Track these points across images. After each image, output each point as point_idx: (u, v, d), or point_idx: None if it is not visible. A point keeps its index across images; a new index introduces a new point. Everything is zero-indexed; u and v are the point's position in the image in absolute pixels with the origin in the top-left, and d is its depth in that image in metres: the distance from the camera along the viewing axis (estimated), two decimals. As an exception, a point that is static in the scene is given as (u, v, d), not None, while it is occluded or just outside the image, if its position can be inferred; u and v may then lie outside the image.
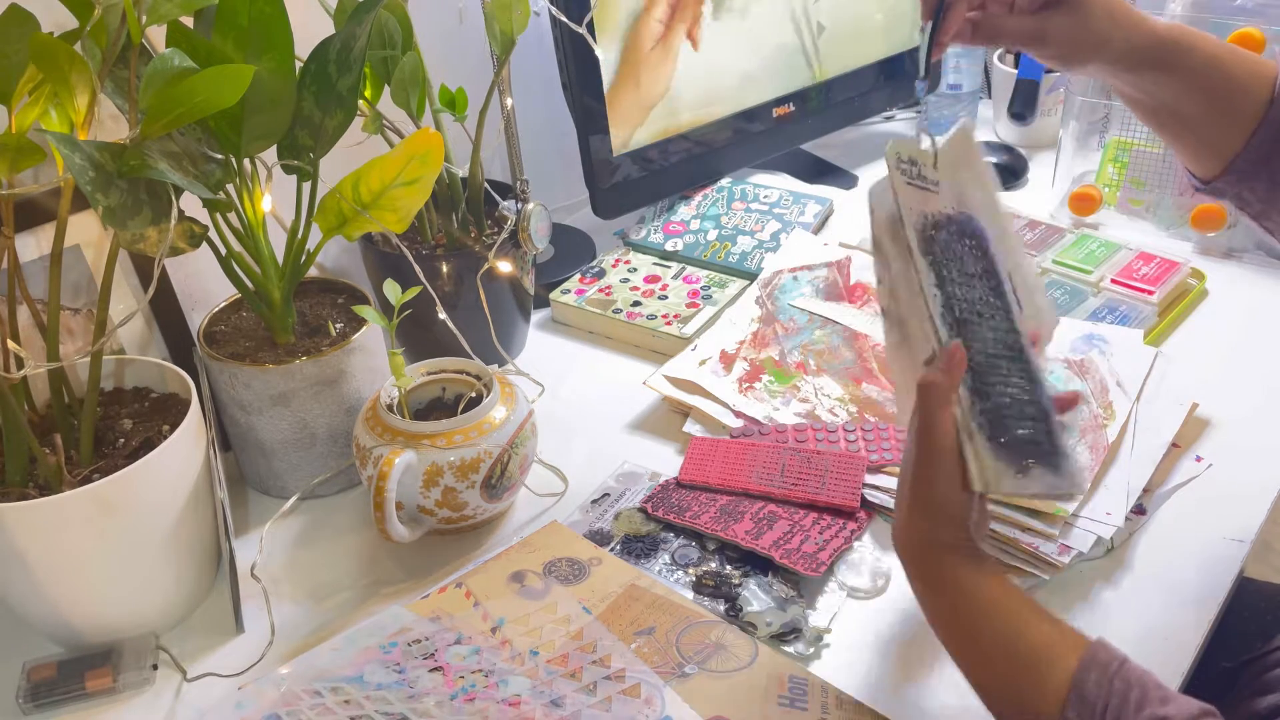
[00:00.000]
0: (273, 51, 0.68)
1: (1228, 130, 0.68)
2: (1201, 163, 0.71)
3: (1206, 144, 0.69)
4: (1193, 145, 0.71)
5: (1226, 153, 0.68)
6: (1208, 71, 0.67)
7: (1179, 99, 0.68)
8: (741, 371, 0.93)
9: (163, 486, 0.68)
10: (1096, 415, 0.85)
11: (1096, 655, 0.54)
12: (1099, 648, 0.54)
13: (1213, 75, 0.67)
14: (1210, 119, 0.68)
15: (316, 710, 0.64)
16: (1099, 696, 0.52)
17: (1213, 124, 0.68)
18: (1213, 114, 0.68)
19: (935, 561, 0.58)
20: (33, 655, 0.70)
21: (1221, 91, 0.67)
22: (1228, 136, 0.68)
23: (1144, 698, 0.52)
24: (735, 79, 1.16)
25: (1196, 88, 0.67)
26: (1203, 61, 0.67)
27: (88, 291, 0.81)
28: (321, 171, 0.77)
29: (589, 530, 0.80)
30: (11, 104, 0.64)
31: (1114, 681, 0.52)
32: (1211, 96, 0.67)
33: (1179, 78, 0.67)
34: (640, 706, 0.64)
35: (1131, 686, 0.52)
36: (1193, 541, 0.76)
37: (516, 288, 0.97)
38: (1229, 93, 0.67)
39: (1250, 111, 0.67)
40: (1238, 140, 0.68)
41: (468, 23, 1.07)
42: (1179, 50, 0.66)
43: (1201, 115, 0.68)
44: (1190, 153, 0.71)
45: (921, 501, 0.58)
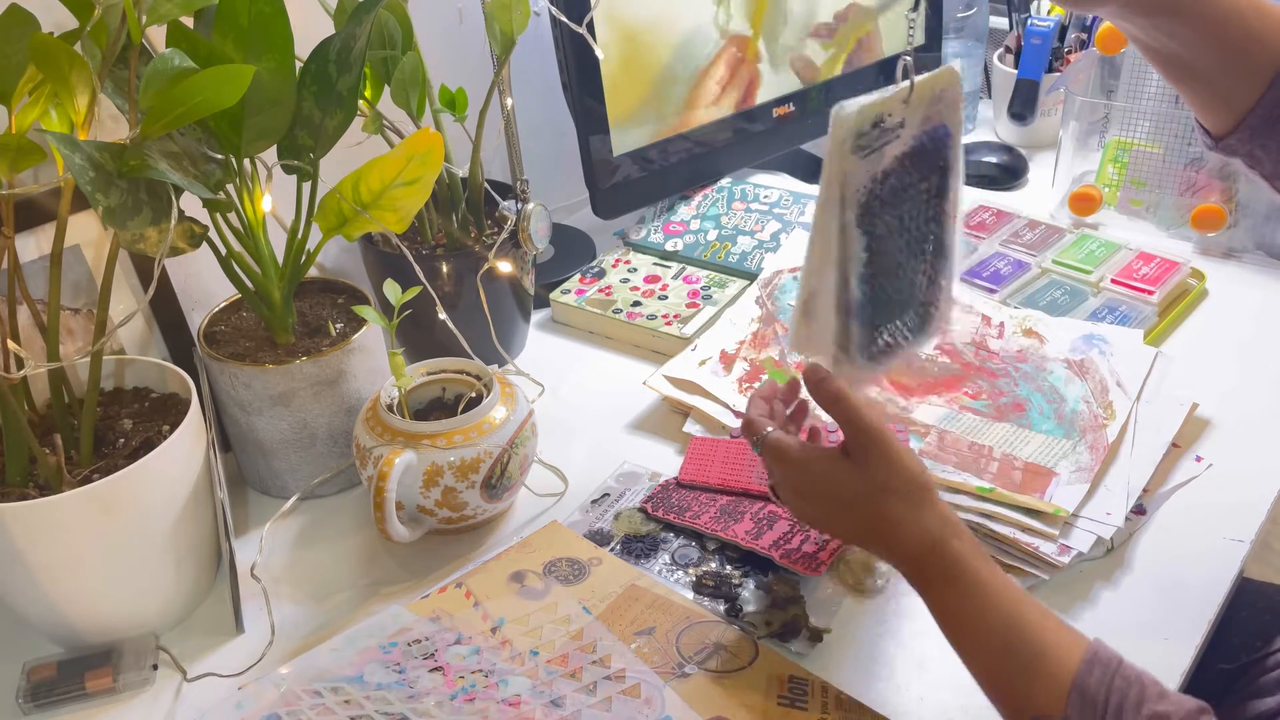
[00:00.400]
0: (273, 51, 0.68)
1: (1242, 84, 0.66)
2: (1214, 116, 0.69)
3: (1220, 97, 0.68)
4: (1206, 97, 0.69)
5: (1240, 107, 0.67)
6: (1226, 21, 0.65)
7: (1194, 49, 0.66)
8: (741, 371, 0.93)
9: (163, 486, 0.68)
10: (1097, 415, 0.85)
11: (1098, 654, 0.54)
12: (1100, 646, 0.55)
13: (1230, 26, 0.65)
14: (1225, 71, 0.66)
15: (316, 710, 0.64)
16: (1100, 694, 0.53)
17: (1227, 76, 0.66)
18: (1228, 66, 0.66)
19: (941, 556, 0.60)
20: (33, 655, 0.70)
21: (1238, 43, 0.65)
22: (1242, 90, 0.66)
23: (1143, 695, 0.52)
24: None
25: (1213, 37, 0.65)
26: (1222, 11, 0.65)
27: (88, 291, 0.81)
28: (321, 171, 0.77)
29: (589, 530, 0.80)
30: (11, 104, 0.64)
31: (1115, 679, 0.53)
32: (1227, 48, 0.65)
33: (1196, 26, 0.65)
34: (640, 706, 0.64)
35: (1131, 684, 0.53)
36: (1193, 541, 0.76)
37: (516, 288, 0.97)
38: (1246, 45, 0.65)
39: (1267, 65, 0.65)
40: (1252, 95, 0.66)
41: (468, 23, 1.07)
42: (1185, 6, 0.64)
43: (1216, 67, 0.66)
44: (1203, 105, 0.70)
45: (907, 493, 0.61)
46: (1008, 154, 1.31)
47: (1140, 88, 1.12)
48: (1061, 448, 0.82)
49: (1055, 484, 0.78)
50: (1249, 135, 0.67)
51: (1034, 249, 1.10)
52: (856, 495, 0.62)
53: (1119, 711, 0.52)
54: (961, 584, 0.59)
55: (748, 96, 1.16)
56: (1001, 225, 1.14)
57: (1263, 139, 0.67)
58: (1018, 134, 1.36)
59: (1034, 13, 1.31)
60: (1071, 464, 0.80)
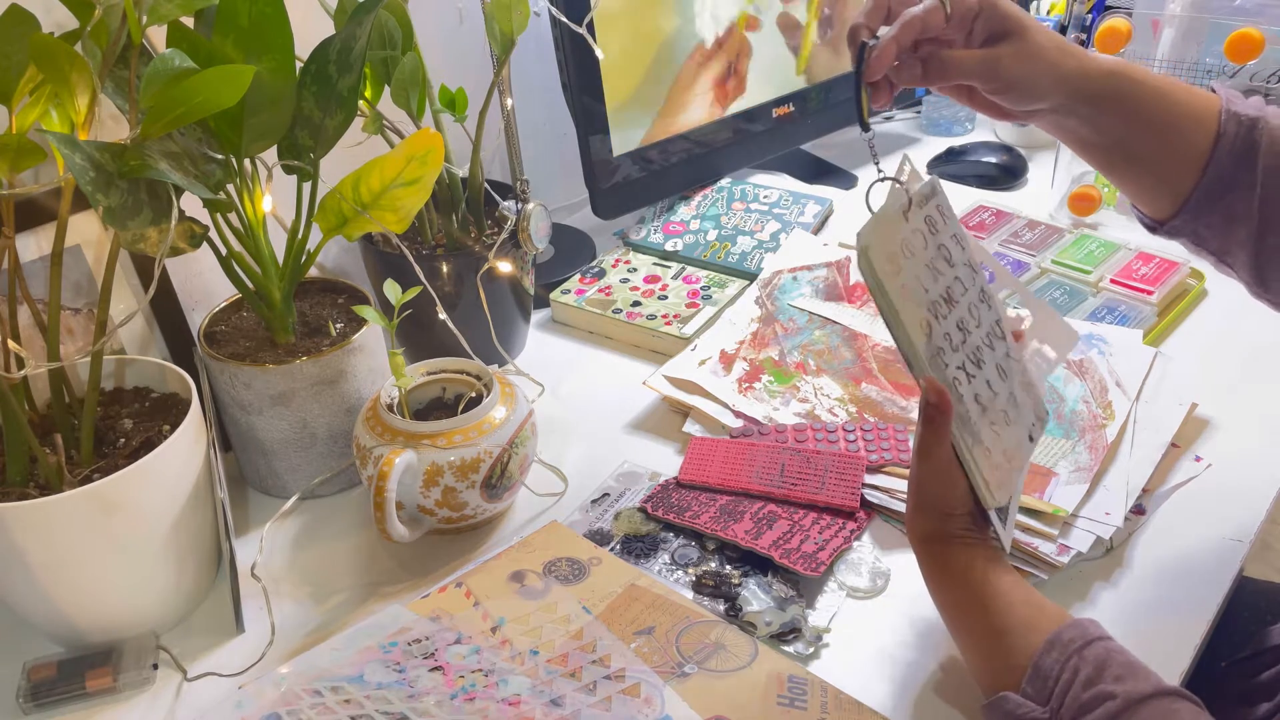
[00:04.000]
0: (273, 52, 0.68)
1: (1180, 165, 0.67)
2: (1156, 201, 0.70)
3: (1160, 180, 0.68)
4: (1147, 183, 0.69)
5: (1180, 188, 0.67)
6: (1156, 103, 0.66)
7: (1131, 134, 0.66)
8: (741, 371, 0.93)
9: (163, 486, 0.68)
10: (1096, 415, 0.85)
11: (1061, 635, 0.57)
12: (1068, 628, 0.58)
13: (1161, 107, 0.66)
14: (1162, 154, 0.67)
15: (317, 710, 0.64)
16: (1053, 671, 0.56)
17: (1166, 159, 0.67)
18: (1164, 148, 0.67)
19: (936, 550, 0.63)
20: (33, 655, 0.70)
21: (1171, 124, 0.66)
22: (1181, 171, 0.67)
23: (1098, 675, 0.55)
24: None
25: (1146, 121, 0.66)
26: (1150, 93, 0.65)
27: (88, 291, 0.81)
28: (321, 171, 0.77)
29: (589, 530, 0.80)
30: (12, 104, 0.64)
31: (1070, 659, 0.56)
32: (1162, 130, 0.66)
33: (1130, 110, 0.65)
34: (640, 706, 0.64)
35: (1086, 664, 0.56)
36: (1192, 541, 0.76)
37: (516, 288, 0.97)
38: (1178, 125, 0.66)
39: (1200, 145, 0.66)
40: (1191, 174, 0.67)
41: (468, 23, 1.07)
42: (1128, 82, 0.65)
43: (1153, 150, 0.67)
44: (1143, 191, 0.70)
45: (918, 500, 0.64)
46: (1007, 154, 1.31)
47: (1140, 88, 1.12)
48: (1061, 448, 0.82)
49: (1054, 484, 0.78)
50: (1192, 215, 0.68)
51: (1033, 249, 1.10)
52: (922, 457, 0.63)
53: (1066, 688, 0.55)
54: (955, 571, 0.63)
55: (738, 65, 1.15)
56: (1001, 225, 1.15)
57: (1206, 217, 0.68)
58: (1017, 134, 1.36)
59: (1033, 13, 1.31)
60: (1071, 464, 0.80)
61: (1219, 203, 0.67)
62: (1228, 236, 0.68)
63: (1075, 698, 0.55)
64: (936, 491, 0.62)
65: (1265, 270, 0.68)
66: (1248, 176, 0.65)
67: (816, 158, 1.34)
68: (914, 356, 0.60)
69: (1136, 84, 0.65)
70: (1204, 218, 0.68)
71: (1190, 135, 0.66)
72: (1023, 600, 0.61)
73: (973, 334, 0.64)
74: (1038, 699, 0.56)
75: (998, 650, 0.60)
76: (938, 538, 0.63)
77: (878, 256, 0.58)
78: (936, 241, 0.62)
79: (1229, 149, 0.65)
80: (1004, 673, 0.59)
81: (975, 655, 0.62)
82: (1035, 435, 0.68)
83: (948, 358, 0.61)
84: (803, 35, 1.22)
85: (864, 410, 0.89)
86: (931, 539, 0.63)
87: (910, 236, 0.61)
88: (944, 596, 0.64)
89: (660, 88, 1.10)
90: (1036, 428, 0.68)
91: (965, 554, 0.62)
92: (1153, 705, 0.53)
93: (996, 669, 0.60)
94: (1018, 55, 0.62)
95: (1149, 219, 0.72)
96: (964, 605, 0.62)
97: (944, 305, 0.62)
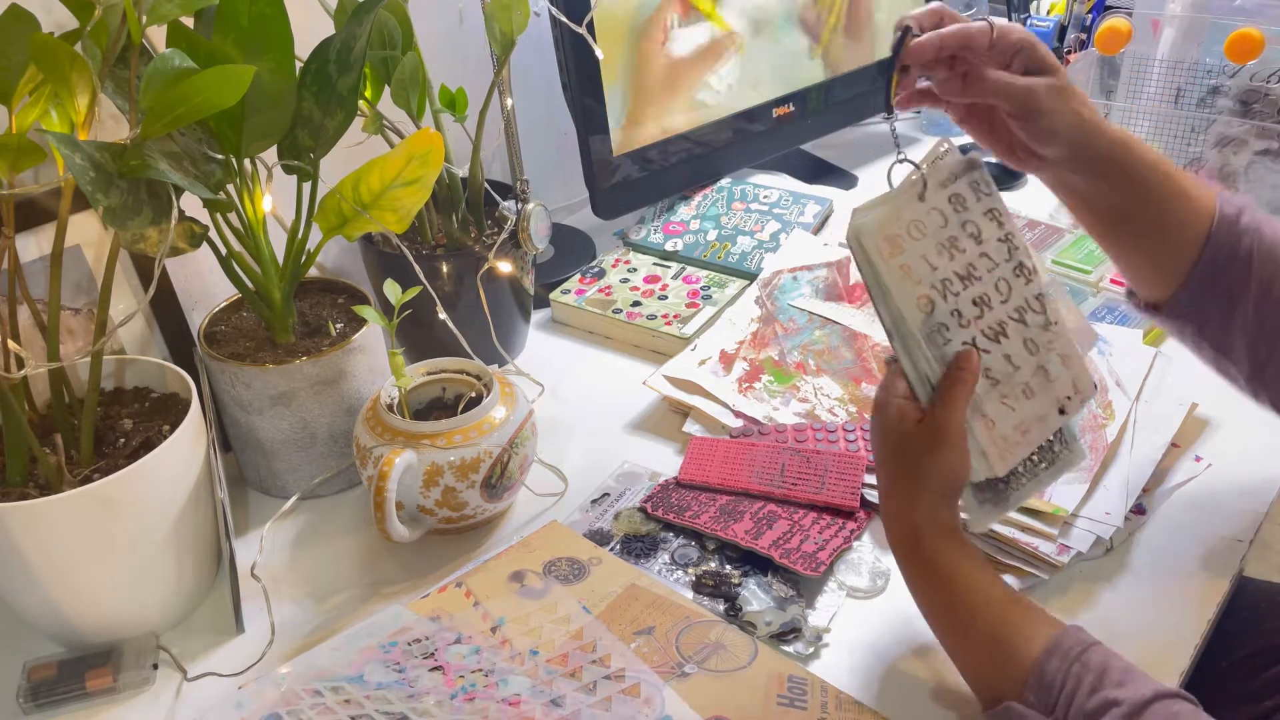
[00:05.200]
0: (273, 52, 0.68)
1: (1181, 238, 0.68)
2: (1156, 276, 0.70)
3: (1162, 253, 0.69)
4: (1148, 255, 0.70)
5: (1180, 264, 0.68)
6: (1159, 176, 0.67)
7: (1134, 200, 0.68)
8: (741, 371, 0.93)
9: (163, 486, 0.68)
10: (1096, 415, 0.85)
11: (1061, 642, 0.58)
12: (1065, 635, 0.58)
13: (1163, 181, 0.67)
14: (1164, 224, 0.68)
15: (317, 710, 0.64)
16: (1057, 678, 0.56)
17: (1167, 230, 0.68)
18: (1167, 218, 0.68)
19: (929, 543, 0.63)
20: (33, 655, 0.70)
21: (1173, 197, 0.68)
22: (1181, 245, 0.68)
23: (1101, 681, 0.55)
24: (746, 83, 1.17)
25: (1150, 189, 0.67)
26: (1153, 166, 0.67)
27: (88, 291, 0.81)
28: (322, 171, 0.77)
29: (589, 530, 0.80)
30: (12, 104, 0.64)
31: (1073, 665, 0.56)
32: (1164, 200, 0.67)
33: (1136, 178, 0.67)
34: (640, 706, 0.64)
35: (1089, 671, 0.56)
36: (1192, 541, 0.76)
37: (516, 288, 0.97)
38: (1179, 200, 0.68)
39: (1199, 222, 0.68)
40: (1191, 250, 0.68)
41: (468, 23, 1.07)
42: (1136, 150, 0.67)
43: (1156, 220, 0.68)
44: (1145, 267, 0.71)
45: (933, 480, 0.63)
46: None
47: (1140, 88, 1.12)
48: (1061, 447, 0.82)
49: (1054, 484, 0.78)
50: (1197, 291, 0.68)
51: (1033, 249, 1.10)
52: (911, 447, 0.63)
53: (1072, 696, 0.55)
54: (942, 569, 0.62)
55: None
56: (1001, 225, 1.14)
57: (1209, 294, 0.68)
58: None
59: (1033, 12, 1.31)
60: (1071, 464, 0.80)
61: (1221, 278, 0.68)
62: (1229, 318, 0.69)
63: (1080, 706, 0.55)
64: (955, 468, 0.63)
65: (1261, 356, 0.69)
66: (1244, 259, 0.67)
67: (816, 158, 1.34)
68: (899, 334, 0.62)
69: (1143, 153, 0.67)
70: (1208, 294, 0.69)
71: (1191, 212, 0.68)
72: (1009, 599, 0.61)
73: (995, 309, 0.64)
74: (1042, 708, 0.56)
75: (994, 656, 0.60)
76: (936, 528, 0.62)
77: (874, 237, 0.61)
78: (961, 219, 0.63)
79: (1227, 228, 0.67)
80: (1002, 679, 0.59)
81: (968, 659, 0.62)
82: (1069, 409, 0.67)
83: (952, 333, 0.63)
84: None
85: (864, 410, 0.89)
86: (929, 530, 0.62)
87: (925, 216, 0.62)
88: (932, 598, 0.63)
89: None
90: (1072, 401, 0.67)
91: (953, 554, 0.62)
92: (1154, 708, 0.53)
93: (993, 675, 0.60)
94: (1051, 89, 0.64)
95: (1148, 302, 0.73)
96: (953, 607, 0.62)
97: (958, 282, 0.63)
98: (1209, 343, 0.71)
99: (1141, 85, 1.12)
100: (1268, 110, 1.04)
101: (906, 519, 0.63)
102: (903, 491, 0.64)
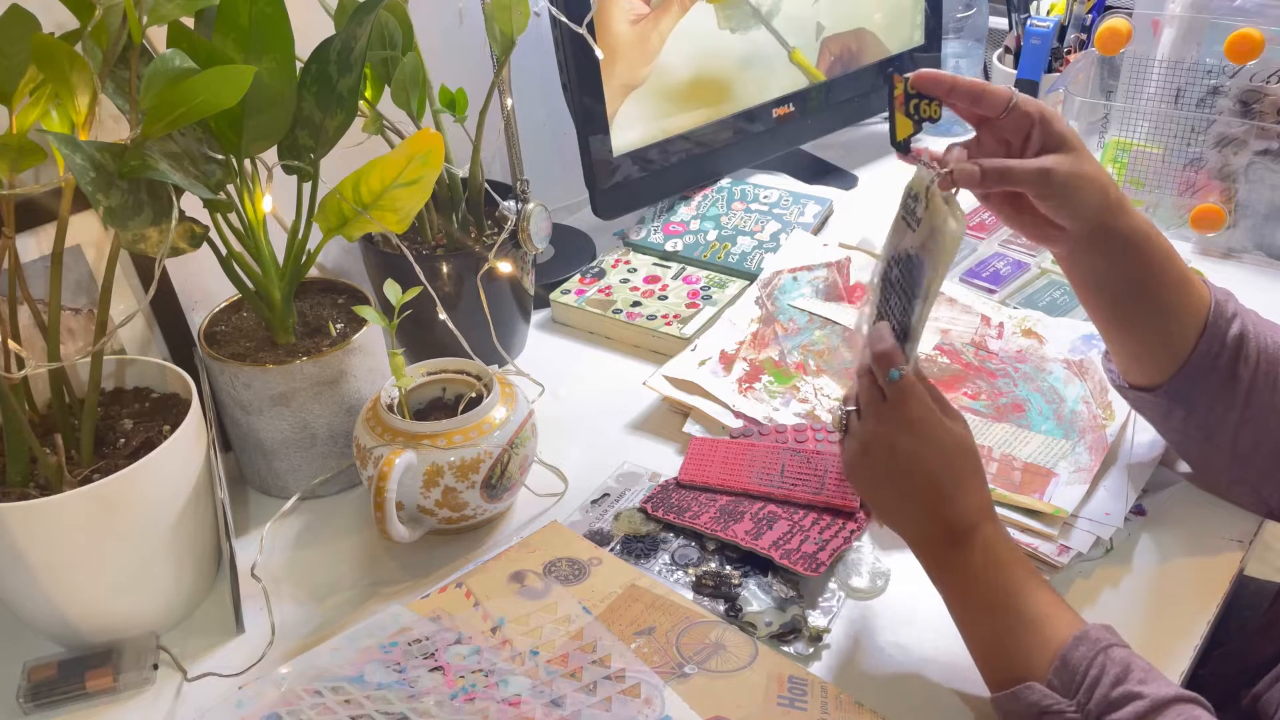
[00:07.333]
0: (273, 52, 0.68)
1: (1186, 321, 0.70)
2: (1157, 359, 0.72)
3: (1168, 335, 0.70)
4: (1155, 338, 0.71)
5: (1182, 347, 0.70)
6: (1171, 259, 0.69)
7: (1150, 279, 0.69)
8: (741, 372, 0.93)
9: (163, 486, 0.68)
10: (1096, 415, 0.85)
11: (1089, 632, 0.59)
12: (1095, 628, 0.59)
13: (1174, 264, 0.69)
14: (1174, 307, 0.69)
15: (317, 710, 0.64)
16: (1081, 666, 0.57)
17: (1176, 313, 0.70)
18: (1177, 301, 0.69)
19: (978, 528, 0.63)
20: (33, 655, 0.70)
21: (1182, 280, 0.69)
22: (1185, 328, 0.70)
23: (1124, 676, 0.56)
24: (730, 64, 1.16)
25: (1164, 270, 0.69)
26: (1167, 249, 0.69)
27: (88, 291, 0.81)
28: (322, 172, 0.77)
29: (589, 530, 0.80)
30: (13, 104, 0.64)
31: (1099, 656, 0.57)
32: (1175, 285, 0.69)
33: (1152, 258, 0.68)
34: (640, 706, 0.64)
35: (1114, 664, 0.57)
36: (1192, 541, 0.76)
37: (516, 288, 0.97)
38: (1187, 283, 0.69)
39: (1202, 307, 0.70)
40: (1192, 333, 0.70)
41: (468, 23, 1.07)
42: (1153, 232, 0.68)
43: (1167, 302, 0.69)
44: (1148, 349, 0.72)
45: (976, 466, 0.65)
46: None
47: (1139, 88, 1.12)
48: (1061, 448, 0.82)
49: (1054, 484, 0.78)
50: (1194, 375, 0.70)
51: (1033, 249, 1.10)
52: (952, 448, 0.64)
53: (1094, 684, 0.56)
54: (993, 554, 0.62)
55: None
56: (1000, 226, 1.14)
57: (1205, 379, 0.70)
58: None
59: (1033, 13, 1.31)
60: (1071, 464, 0.80)
61: (1217, 364, 0.70)
62: (1220, 404, 0.71)
63: (1104, 695, 0.55)
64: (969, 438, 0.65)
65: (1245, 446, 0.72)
66: (1234, 346, 0.69)
67: (816, 158, 1.34)
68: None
69: (1159, 237, 0.69)
70: (1203, 380, 0.70)
71: (1192, 297, 0.70)
72: (1040, 583, 0.62)
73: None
74: (1063, 691, 0.57)
75: (1020, 638, 0.60)
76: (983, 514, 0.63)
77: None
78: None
79: (1220, 315, 0.70)
80: (1023, 662, 0.59)
81: (990, 640, 0.62)
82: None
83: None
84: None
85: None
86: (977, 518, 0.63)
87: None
88: (969, 589, 0.63)
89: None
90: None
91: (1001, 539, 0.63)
92: (1176, 709, 0.54)
93: (1014, 657, 0.60)
94: (1068, 162, 0.65)
95: (1136, 385, 0.75)
96: (987, 597, 0.62)
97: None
98: (1197, 425, 0.73)
99: (1141, 85, 1.12)
100: (1268, 110, 1.04)
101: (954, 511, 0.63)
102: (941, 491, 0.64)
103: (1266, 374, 0.70)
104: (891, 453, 0.65)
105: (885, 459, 0.65)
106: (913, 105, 0.67)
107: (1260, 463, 0.73)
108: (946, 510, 0.63)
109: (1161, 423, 0.77)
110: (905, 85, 0.66)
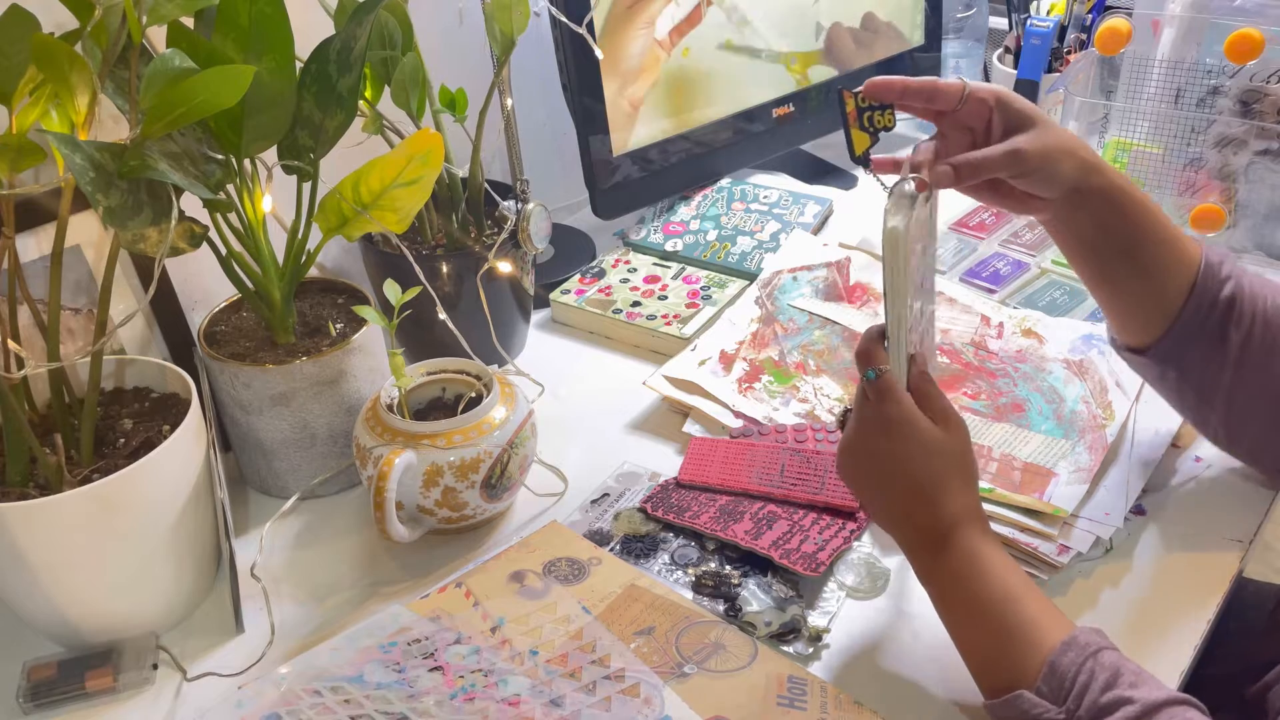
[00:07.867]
0: (273, 52, 0.68)
1: (1174, 277, 0.69)
2: (1146, 318, 0.71)
3: (1156, 292, 0.70)
4: (1142, 296, 0.71)
5: (1171, 305, 0.70)
6: (1155, 215, 0.69)
7: (1136, 236, 0.68)
8: (741, 372, 0.93)
9: (163, 486, 0.68)
10: (1096, 415, 0.85)
11: (1078, 638, 0.58)
12: (1084, 633, 0.58)
13: (1160, 220, 0.69)
14: (1161, 262, 0.69)
15: (316, 710, 0.64)
16: (1070, 672, 0.56)
17: (1163, 269, 0.69)
18: (1164, 257, 0.69)
19: (966, 532, 0.63)
20: (33, 655, 0.70)
21: (1169, 238, 0.69)
22: (1174, 285, 0.69)
23: (1114, 680, 0.55)
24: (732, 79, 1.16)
25: (1149, 227, 0.68)
26: (1150, 208, 0.68)
27: (88, 291, 0.81)
28: (322, 172, 0.77)
29: (589, 530, 0.80)
30: (12, 104, 0.64)
31: (1087, 661, 0.57)
32: (1161, 241, 0.69)
33: (1136, 214, 0.68)
34: (640, 706, 0.64)
35: (1103, 670, 0.56)
36: (1192, 541, 0.76)
37: (516, 288, 0.97)
38: (1174, 239, 0.69)
39: (1194, 261, 0.69)
40: (1181, 291, 0.69)
41: (468, 23, 1.07)
42: (1134, 191, 0.68)
43: (1153, 258, 0.69)
44: (1137, 308, 0.72)
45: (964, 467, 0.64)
46: (1007, 154, 1.31)
47: (1139, 88, 1.12)
48: (1060, 448, 0.82)
49: (1054, 484, 0.78)
50: (1184, 334, 0.70)
51: (1033, 249, 1.10)
52: (933, 450, 0.64)
53: (1084, 690, 0.55)
54: (975, 560, 0.62)
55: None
56: (1001, 225, 1.15)
57: (1196, 338, 0.70)
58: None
59: (1033, 13, 1.31)
60: (1071, 464, 0.80)
61: (1207, 323, 0.69)
62: (1213, 363, 0.70)
63: (1093, 701, 0.55)
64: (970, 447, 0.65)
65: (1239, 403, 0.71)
66: (1226, 306, 0.69)
67: (816, 158, 1.34)
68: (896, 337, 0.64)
69: (1141, 195, 0.68)
70: (1193, 339, 0.70)
71: (1181, 255, 0.69)
72: (1028, 588, 0.61)
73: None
74: (1053, 698, 0.56)
75: (1010, 645, 0.59)
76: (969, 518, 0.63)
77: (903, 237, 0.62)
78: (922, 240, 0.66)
79: (1212, 275, 0.69)
80: (1013, 669, 0.59)
81: (981, 648, 0.62)
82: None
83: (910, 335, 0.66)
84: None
85: (864, 410, 0.89)
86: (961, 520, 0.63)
87: (914, 225, 0.64)
88: (958, 590, 0.63)
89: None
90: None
91: (989, 545, 0.62)
92: (1168, 712, 0.54)
93: (1004, 664, 0.60)
94: (1035, 139, 0.65)
95: (1130, 345, 0.74)
96: (978, 597, 0.62)
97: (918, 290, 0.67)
98: (1190, 387, 0.73)
99: (1141, 85, 1.12)
100: (1268, 110, 1.04)
101: (932, 515, 0.63)
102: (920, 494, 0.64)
103: (1262, 337, 0.69)
104: (872, 454, 0.65)
105: (866, 459, 0.66)
106: (866, 118, 0.67)
107: (1255, 428, 0.73)
108: (924, 514, 0.63)
109: (1157, 384, 0.76)
110: (856, 100, 0.66)
